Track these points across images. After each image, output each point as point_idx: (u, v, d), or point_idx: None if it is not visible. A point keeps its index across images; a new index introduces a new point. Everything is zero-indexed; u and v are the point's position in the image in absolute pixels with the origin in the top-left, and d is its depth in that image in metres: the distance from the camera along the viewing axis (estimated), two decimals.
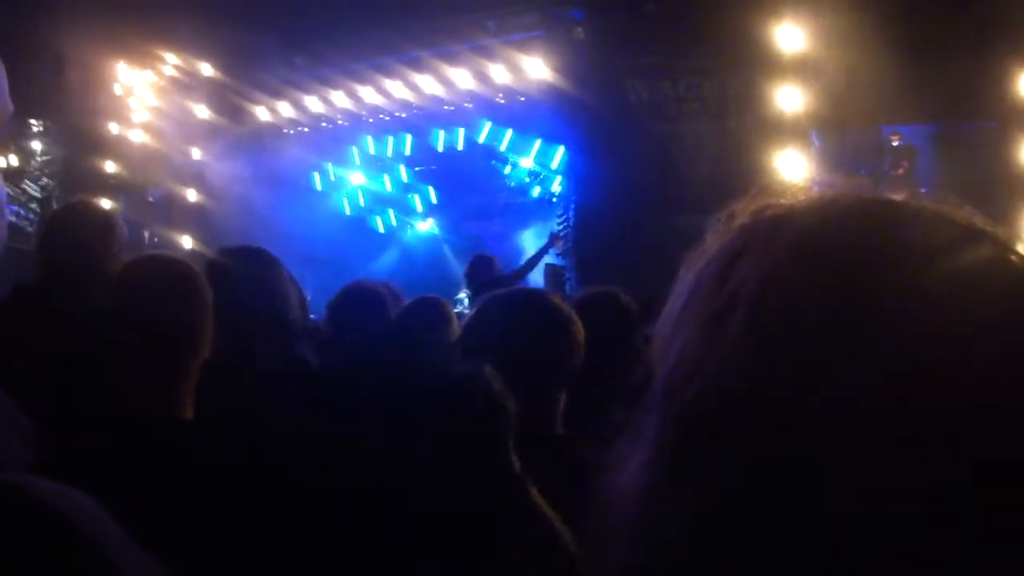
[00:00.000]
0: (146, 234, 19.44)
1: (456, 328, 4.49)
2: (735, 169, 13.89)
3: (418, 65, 17.62)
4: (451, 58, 17.25)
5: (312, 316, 5.93)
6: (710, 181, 14.23)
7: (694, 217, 14.39)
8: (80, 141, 19.94)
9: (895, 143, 13.79)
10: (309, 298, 5.47)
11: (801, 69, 13.60)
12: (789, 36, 13.38)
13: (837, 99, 13.25)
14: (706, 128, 14.54)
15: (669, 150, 14.74)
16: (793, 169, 13.49)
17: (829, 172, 13.68)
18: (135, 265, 3.26)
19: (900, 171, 13.51)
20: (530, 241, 17.32)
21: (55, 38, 16.32)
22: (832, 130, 13.83)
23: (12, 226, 13.68)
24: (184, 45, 19.33)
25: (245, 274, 4.28)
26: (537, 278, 14.40)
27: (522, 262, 14.20)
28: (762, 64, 13.98)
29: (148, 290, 3.09)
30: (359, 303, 4.86)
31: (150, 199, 20.77)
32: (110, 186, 20.07)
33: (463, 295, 14.19)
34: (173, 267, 3.18)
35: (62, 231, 4.67)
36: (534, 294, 3.84)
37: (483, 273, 11.02)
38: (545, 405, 3.34)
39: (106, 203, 19.83)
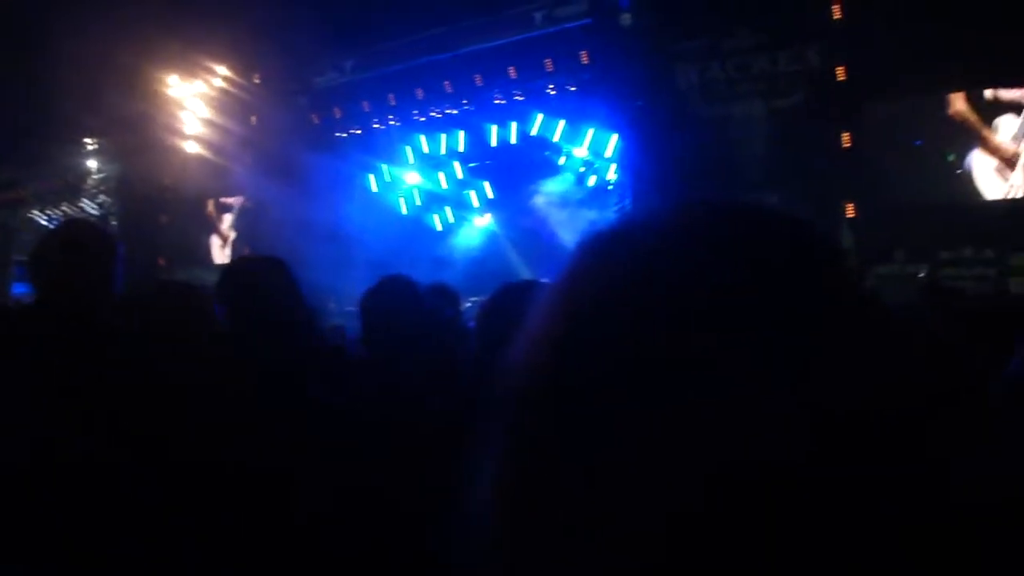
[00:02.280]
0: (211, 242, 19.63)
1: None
2: (789, 148, 13.85)
3: (467, 61, 17.67)
4: (500, 52, 17.28)
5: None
6: (765, 161, 14.17)
7: (752, 197, 14.36)
8: (134, 157, 20.17)
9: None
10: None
11: (850, 39, 13.53)
12: (834, 7, 13.32)
13: (888, 67, 13.16)
14: (758, 108, 14.45)
15: (722, 132, 14.67)
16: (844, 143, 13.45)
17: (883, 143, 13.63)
18: None
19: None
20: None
21: (104, 55, 16.46)
22: (886, 100, 13.72)
23: None
24: (233, 55, 19.47)
25: (253, 284, 4.25)
26: None
27: None
28: (811, 38, 13.93)
29: None
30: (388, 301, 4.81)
31: (207, 210, 20.97)
32: (166, 200, 20.30)
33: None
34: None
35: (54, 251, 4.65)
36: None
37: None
38: None
39: (162, 217, 20.16)
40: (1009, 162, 12.98)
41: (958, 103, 13.28)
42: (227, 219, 21.46)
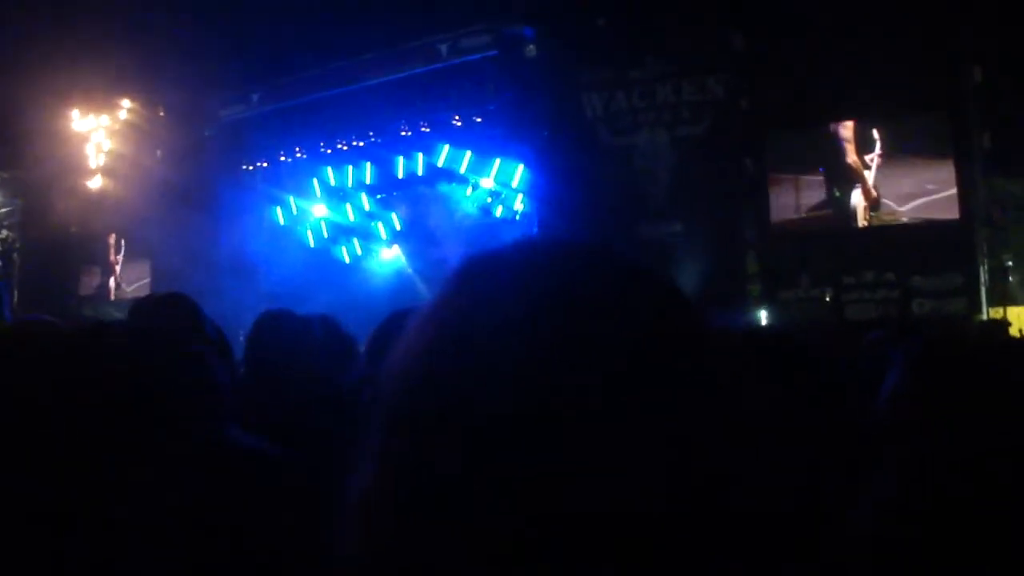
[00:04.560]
0: (111, 279, 19.37)
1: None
2: (693, 177, 14.01)
3: (374, 93, 17.66)
4: (406, 83, 17.31)
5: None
6: (669, 189, 14.33)
7: (657, 225, 14.55)
8: (38, 191, 19.90)
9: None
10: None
11: (753, 69, 13.75)
12: (736, 39, 13.54)
13: (792, 97, 13.39)
14: (662, 137, 14.60)
15: (628, 161, 14.79)
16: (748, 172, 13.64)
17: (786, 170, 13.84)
18: None
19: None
20: None
21: (7, 88, 16.24)
22: (789, 128, 13.95)
23: None
24: (138, 88, 19.31)
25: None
26: None
27: None
28: (714, 68, 14.13)
29: None
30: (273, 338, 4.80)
31: (111, 243, 20.73)
32: (70, 233, 20.02)
33: None
34: None
35: None
36: None
37: None
38: None
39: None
40: (875, 202, 13.41)
41: (849, 141, 13.62)
42: (128, 255, 21.23)
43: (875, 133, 13.45)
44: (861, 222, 13.47)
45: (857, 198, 13.48)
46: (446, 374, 1.01)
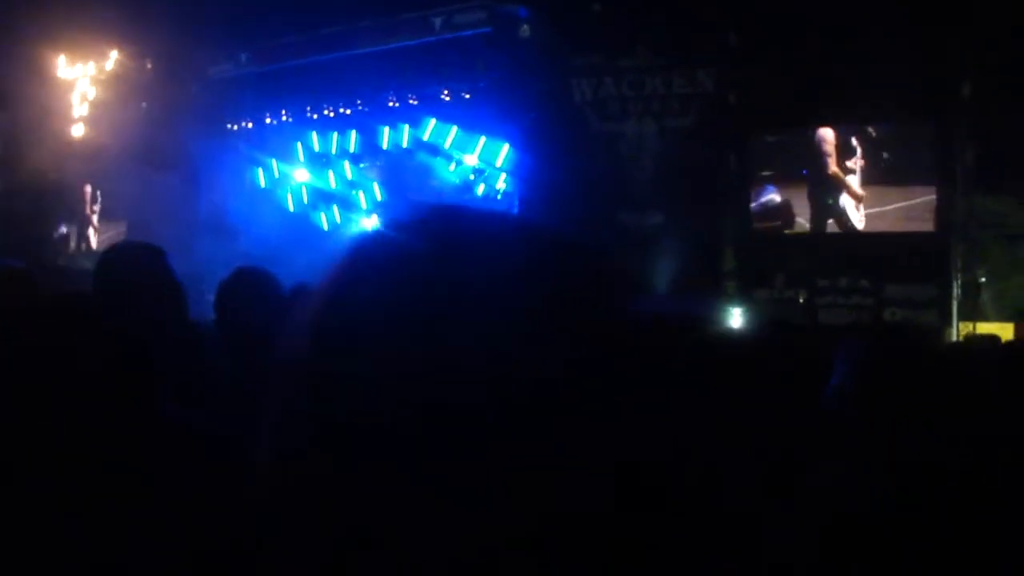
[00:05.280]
0: (88, 229, 19.29)
1: None
2: (677, 168, 14.03)
3: (364, 61, 17.60)
4: (397, 54, 17.25)
5: None
6: (653, 180, 14.35)
7: (639, 215, 14.57)
8: (18, 135, 19.75)
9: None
10: None
11: (741, 66, 13.78)
12: (730, 34, 13.59)
13: (779, 96, 13.43)
14: (649, 127, 14.61)
15: (613, 148, 14.81)
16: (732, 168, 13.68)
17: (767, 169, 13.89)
18: None
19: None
20: None
21: None
22: (774, 127, 14.00)
23: None
24: (127, 40, 19.18)
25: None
26: None
27: None
28: (705, 61, 14.15)
29: None
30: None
31: (87, 193, 20.62)
32: (48, 180, 19.90)
33: None
34: None
35: None
36: None
37: None
38: None
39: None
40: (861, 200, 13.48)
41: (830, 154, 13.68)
42: (104, 206, 21.13)
43: (854, 141, 13.51)
44: (858, 223, 13.51)
45: (846, 199, 13.54)
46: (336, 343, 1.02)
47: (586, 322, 1.03)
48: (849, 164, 13.53)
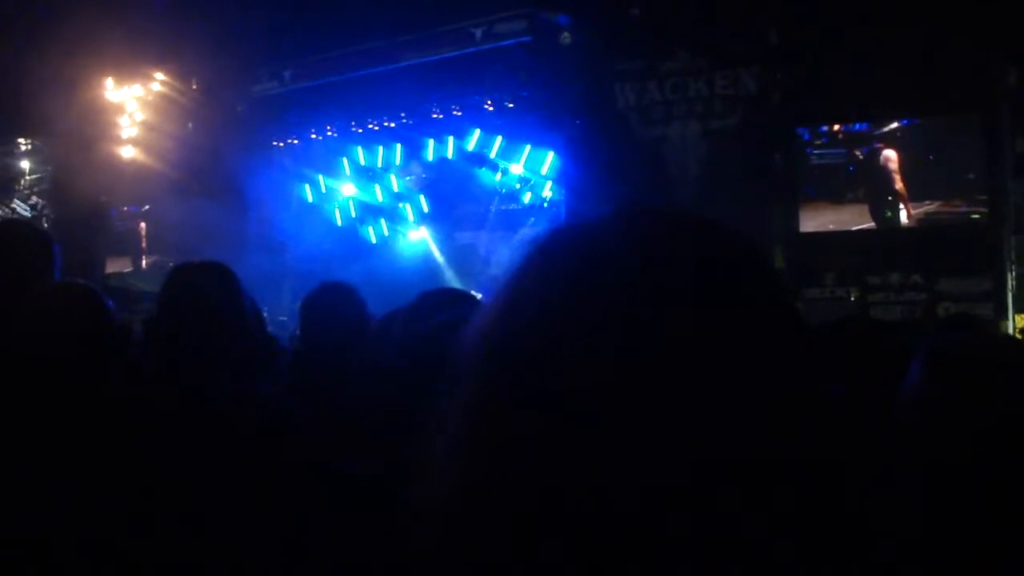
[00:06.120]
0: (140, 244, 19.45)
1: None
2: (723, 170, 13.98)
3: (406, 74, 17.66)
4: (439, 66, 17.30)
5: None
6: (699, 182, 14.30)
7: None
8: (69, 160, 19.94)
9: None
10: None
11: (788, 63, 13.71)
12: (771, 32, 13.51)
13: (822, 94, 13.36)
14: (693, 130, 14.57)
15: (658, 153, 14.77)
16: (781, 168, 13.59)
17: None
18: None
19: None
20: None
21: (41, 56, 16.30)
22: (822, 125, 13.92)
23: None
24: (172, 61, 19.34)
25: (201, 291, 4.23)
26: None
27: None
28: (748, 62, 14.08)
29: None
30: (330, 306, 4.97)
31: (138, 215, 20.79)
32: (99, 203, 20.07)
33: None
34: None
35: None
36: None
37: None
38: None
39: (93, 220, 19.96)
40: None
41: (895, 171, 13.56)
42: (153, 227, 21.28)
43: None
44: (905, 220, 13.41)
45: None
46: (528, 346, 1.01)
47: (778, 321, 1.07)
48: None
